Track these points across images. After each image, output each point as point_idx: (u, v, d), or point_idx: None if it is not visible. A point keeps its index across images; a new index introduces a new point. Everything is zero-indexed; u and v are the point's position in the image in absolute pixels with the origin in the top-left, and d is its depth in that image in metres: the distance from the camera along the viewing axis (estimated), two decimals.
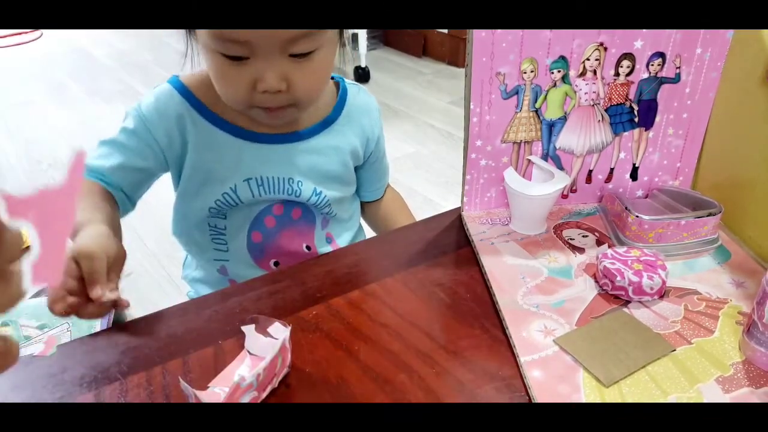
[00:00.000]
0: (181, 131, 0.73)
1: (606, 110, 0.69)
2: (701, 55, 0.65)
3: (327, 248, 0.81)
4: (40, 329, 0.54)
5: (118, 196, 0.73)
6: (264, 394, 0.48)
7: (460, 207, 0.75)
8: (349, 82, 0.81)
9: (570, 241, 0.67)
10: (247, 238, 0.78)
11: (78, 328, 0.66)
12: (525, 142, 0.70)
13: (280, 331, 0.52)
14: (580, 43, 0.64)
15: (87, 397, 0.49)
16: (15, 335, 0.51)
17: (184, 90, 0.73)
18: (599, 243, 0.67)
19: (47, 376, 0.51)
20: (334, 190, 0.79)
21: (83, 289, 0.54)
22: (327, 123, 0.77)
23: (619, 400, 0.47)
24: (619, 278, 0.57)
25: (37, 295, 1.49)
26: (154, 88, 0.75)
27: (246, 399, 0.46)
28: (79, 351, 0.54)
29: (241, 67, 0.63)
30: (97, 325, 0.70)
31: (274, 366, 0.48)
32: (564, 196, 0.75)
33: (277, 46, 0.62)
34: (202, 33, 0.63)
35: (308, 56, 0.64)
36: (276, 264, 0.80)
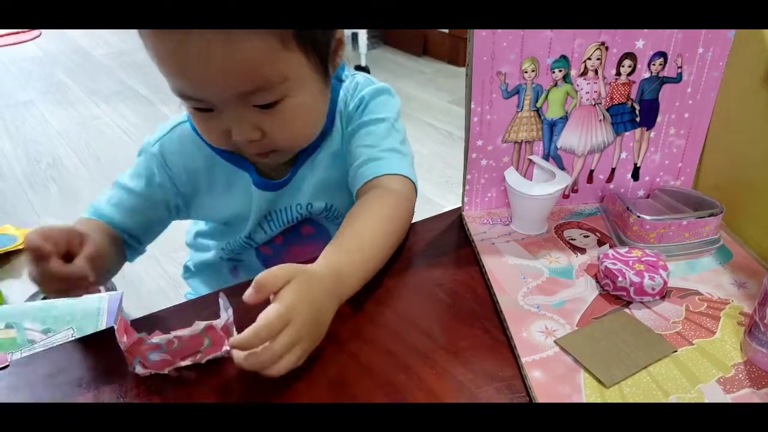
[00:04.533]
0: (207, 178, 0.72)
1: (607, 110, 0.68)
2: (703, 54, 0.65)
3: None
4: (45, 333, 0.55)
5: (128, 241, 0.71)
6: (181, 362, 0.50)
7: (460, 207, 0.74)
8: (348, 75, 0.75)
9: (571, 242, 0.67)
10: (255, 251, 0.79)
11: (81, 333, 0.66)
12: (526, 141, 0.69)
13: (223, 316, 0.51)
14: (581, 42, 0.64)
15: (86, 398, 0.49)
16: (19, 338, 0.51)
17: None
18: (600, 243, 0.67)
19: (47, 376, 0.51)
20: (344, 198, 0.74)
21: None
22: (323, 134, 0.72)
23: (620, 401, 0.47)
24: (620, 279, 0.57)
25: (34, 297, 1.48)
26: (172, 129, 0.72)
27: (155, 357, 0.49)
28: (79, 351, 0.54)
29: (210, 117, 0.61)
30: (103, 323, 0.69)
31: (199, 343, 0.49)
32: (565, 196, 0.75)
33: (233, 99, 0.58)
34: (168, 81, 0.59)
35: (275, 106, 0.59)
36: None
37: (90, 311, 0.61)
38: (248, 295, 0.47)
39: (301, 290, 0.49)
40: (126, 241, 0.71)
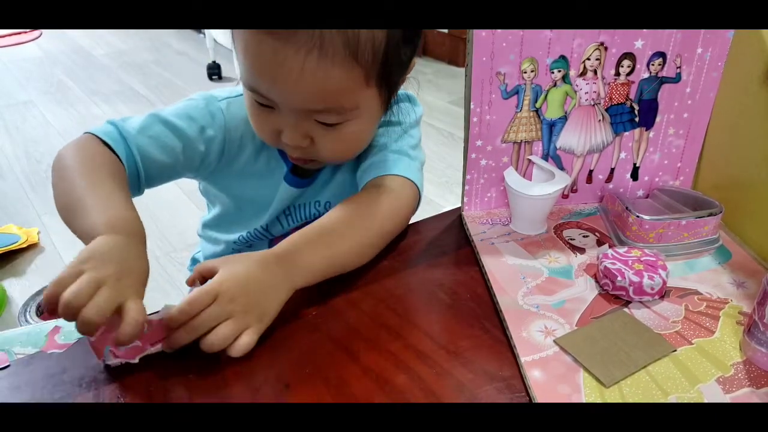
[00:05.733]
0: (252, 155, 0.72)
1: (606, 110, 0.69)
2: (702, 54, 0.65)
3: None
4: None
5: (132, 180, 0.64)
6: (151, 348, 0.50)
7: (460, 207, 0.75)
8: None
9: (570, 241, 0.67)
10: (269, 244, 0.80)
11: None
12: (525, 141, 0.70)
13: None
14: (580, 42, 0.64)
15: (86, 397, 0.49)
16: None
17: None
18: (600, 243, 0.67)
19: (47, 376, 0.51)
20: None
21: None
22: None
23: (620, 401, 0.47)
24: (619, 278, 0.57)
25: (37, 296, 1.48)
26: (240, 95, 0.70)
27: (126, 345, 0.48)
28: (79, 351, 0.54)
29: (269, 113, 0.62)
30: None
31: (168, 327, 0.49)
32: (564, 196, 0.75)
33: (300, 109, 0.60)
34: (240, 66, 0.61)
35: (335, 126, 0.62)
36: None
37: None
38: (188, 279, 0.54)
39: (232, 270, 0.52)
40: (134, 179, 0.64)
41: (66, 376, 0.51)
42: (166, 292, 1.54)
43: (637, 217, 0.64)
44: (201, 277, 0.53)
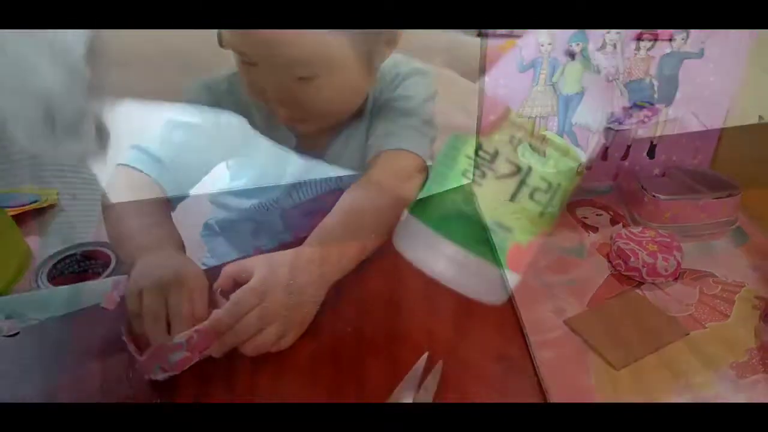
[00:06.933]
0: (264, 126, 0.71)
1: (625, 85, 0.67)
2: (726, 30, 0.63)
3: None
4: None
5: (174, 187, 0.68)
6: (199, 357, 0.48)
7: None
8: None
9: (583, 220, 0.66)
10: (279, 215, 0.79)
11: None
12: (540, 117, 0.68)
13: None
14: None
15: (93, 367, 0.49)
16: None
17: None
18: (613, 222, 0.66)
19: (55, 344, 0.51)
20: None
21: None
22: (360, 111, 0.73)
23: (630, 384, 0.46)
24: (632, 259, 0.56)
25: (60, 254, 1.48)
26: (236, 72, 0.69)
27: (175, 358, 0.47)
28: (86, 321, 0.54)
29: (251, 69, 0.61)
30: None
31: (216, 331, 0.48)
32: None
33: (274, 64, 0.59)
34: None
35: (312, 80, 0.61)
36: None
37: (97, 295, 0.60)
38: (216, 284, 0.51)
39: (275, 270, 0.51)
40: (176, 186, 0.68)
41: (74, 345, 0.51)
42: None
43: (653, 196, 0.63)
44: (232, 281, 0.52)
